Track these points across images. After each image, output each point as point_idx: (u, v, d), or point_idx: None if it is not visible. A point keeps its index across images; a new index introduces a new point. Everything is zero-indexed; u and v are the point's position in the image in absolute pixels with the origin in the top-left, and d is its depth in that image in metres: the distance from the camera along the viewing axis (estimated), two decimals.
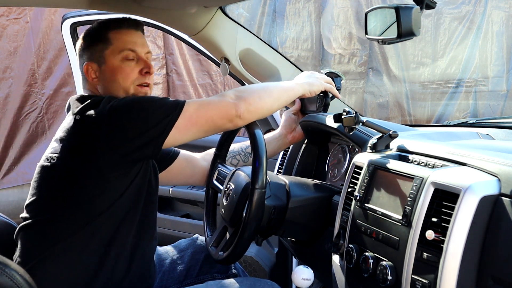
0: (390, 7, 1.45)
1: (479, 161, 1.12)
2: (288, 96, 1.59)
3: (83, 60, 1.51)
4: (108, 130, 1.31)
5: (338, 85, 1.87)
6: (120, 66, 1.47)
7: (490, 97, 5.29)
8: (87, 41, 1.50)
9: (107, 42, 1.47)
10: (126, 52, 1.48)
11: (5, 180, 4.13)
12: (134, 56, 1.48)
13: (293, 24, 5.16)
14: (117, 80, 1.47)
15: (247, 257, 2.36)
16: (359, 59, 5.23)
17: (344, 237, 1.36)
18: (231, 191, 1.57)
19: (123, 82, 1.47)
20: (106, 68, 1.47)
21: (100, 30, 1.49)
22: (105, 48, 1.47)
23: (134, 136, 1.32)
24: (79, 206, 1.35)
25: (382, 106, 5.25)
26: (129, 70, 1.47)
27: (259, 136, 1.47)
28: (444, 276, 1.02)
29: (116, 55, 1.47)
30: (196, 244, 1.76)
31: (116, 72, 1.47)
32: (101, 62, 1.47)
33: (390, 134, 1.39)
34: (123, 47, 1.47)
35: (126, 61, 1.47)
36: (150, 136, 1.33)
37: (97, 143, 1.31)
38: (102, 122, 1.32)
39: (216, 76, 4.50)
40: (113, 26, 1.49)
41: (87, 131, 1.34)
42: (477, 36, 5.18)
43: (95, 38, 1.49)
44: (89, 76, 1.49)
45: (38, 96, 4.15)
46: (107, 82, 1.48)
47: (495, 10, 5.16)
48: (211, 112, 1.41)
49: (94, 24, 1.52)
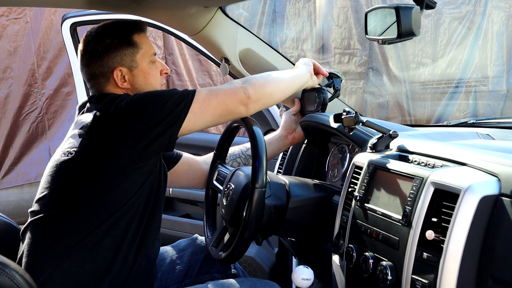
0: (390, 7, 1.45)
1: (479, 161, 1.12)
2: (293, 80, 1.64)
3: (111, 64, 1.48)
4: (126, 123, 1.34)
5: (338, 86, 1.87)
6: (150, 69, 1.52)
7: (490, 97, 5.29)
8: (113, 45, 1.48)
9: (136, 46, 1.49)
10: (152, 56, 1.53)
11: (5, 180, 4.14)
12: (155, 59, 1.55)
13: (293, 24, 5.16)
14: (150, 83, 1.52)
15: (247, 257, 2.36)
16: (359, 59, 5.23)
17: (344, 237, 1.36)
18: (231, 191, 1.57)
19: (154, 84, 1.53)
20: (138, 72, 1.50)
21: (124, 33, 1.50)
22: (136, 52, 1.49)
23: (151, 127, 1.35)
24: (96, 201, 1.36)
25: (382, 106, 5.25)
26: (156, 73, 1.54)
27: (259, 136, 1.47)
28: (444, 276, 1.02)
29: (146, 59, 1.51)
30: (195, 244, 1.76)
31: (148, 75, 1.52)
32: (132, 67, 1.49)
33: (390, 134, 1.39)
34: (150, 51, 1.52)
35: (152, 64, 1.53)
36: (167, 124, 1.36)
37: (116, 137, 1.34)
38: (120, 116, 1.35)
39: (216, 76, 4.50)
40: (136, 29, 1.51)
41: (107, 126, 1.36)
42: (477, 36, 5.18)
43: (122, 42, 1.49)
44: (118, 80, 1.49)
45: (38, 96, 4.15)
46: (140, 86, 1.51)
47: (495, 10, 5.16)
48: (222, 95, 1.45)
49: (111, 26, 1.51)
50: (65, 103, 4.26)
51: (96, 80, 1.50)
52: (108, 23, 1.53)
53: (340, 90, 1.89)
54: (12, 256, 1.42)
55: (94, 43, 1.49)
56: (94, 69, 1.49)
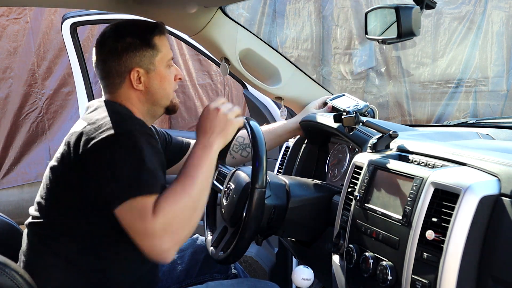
0: (390, 7, 1.45)
1: (479, 161, 1.12)
2: (209, 180, 1.37)
3: (129, 63, 1.43)
4: (91, 162, 1.29)
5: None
6: (166, 73, 1.48)
7: (490, 97, 5.29)
8: (133, 45, 1.43)
9: (155, 49, 1.45)
10: (170, 60, 1.49)
11: (5, 180, 4.14)
12: (172, 63, 1.51)
13: (293, 24, 5.16)
14: (165, 87, 1.48)
15: (247, 257, 2.36)
16: (359, 59, 5.23)
17: (344, 237, 1.36)
18: (231, 191, 1.57)
19: (168, 89, 1.49)
20: (155, 76, 1.46)
21: (146, 34, 1.45)
22: (155, 55, 1.45)
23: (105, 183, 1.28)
24: (89, 206, 1.34)
25: (382, 106, 5.24)
26: (171, 78, 1.50)
27: (259, 136, 1.47)
28: (444, 276, 1.02)
29: (164, 62, 1.47)
30: (196, 244, 1.76)
31: (164, 80, 1.47)
32: (150, 70, 1.45)
33: (390, 134, 1.39)
34: (169, 55, 1.48)
35: (169, 69, 1.49)
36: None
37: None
38: (90, 151, 1.29)
39: (216, 76, 4.50)
40: (157, 31, 1.47)
41: (80, 149, 1.31)
42: (477, 36, 5.18)
43: (143, 43, 1.44)
44: (134, 81, 1.44)
45: (38, 96, 4.15)
46: (155, 89, 1.46)
47: (495, 10, 5.16)
48: (135, 222, 1.24)
49: (133, 25, 1.48)
50: (65, 103, 4.26)
51: (111, 79, 1.45)
52: (130, 21, 1.50)
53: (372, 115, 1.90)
54: (12, 256, 1.42)
55: (113, 40, 1.44)
56: (111, 67, 1.44)
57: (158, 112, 1.51)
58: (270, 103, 2.43)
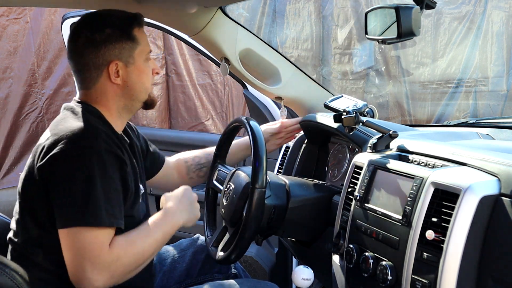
0: (390, 7, 1.45)
1: (479, 161, 1.12)
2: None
3: (107, 56, 1.37)
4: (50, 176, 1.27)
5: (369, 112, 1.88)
6: (145, 67, 1.43)
7: (490, 97, 5.29)
8: (113, 36, 1.37)
9: (135, 41, 1.40)
10: (148, 53, 1.44)
11: (5, 180, 4.13)
12: (149, 57, 1.46)
13: (293, 24, 5.16)
14: (143, 81, 1.43)
15: (247, 257, 2.36)
16: (359, 59, 5.23)
17: (344, 237, 1.36)
18: (231, 191, 1.57)
19: (146, 83, 1.44)
20: (133, 69, 1.40)
21: (125, 26, 1.39)
22: (134, 48, 1.40)
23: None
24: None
25: (382, 106, 5.24)
26: (149, 71, 1.45)
27: (259, 136, 1.47)
28: (444, 276, 1.02)
29: (143, 55, 1.42)
30: (197, 244, 1.76)
31: (142, 73, 1.42)
32: (129, 63, 1.39)
33: (390, 134, 1.39)
34: (147, 48, 1.44)
35: (147, 62, 1.44)
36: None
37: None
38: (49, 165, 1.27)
39: (216, 76, 4.49)
40: (136, 23, 1.41)
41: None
42: (477, 36, 5.18)
43: (123, 34, 1.38)
44: (112, 75, 1.38)
45: (38, 96, 4.15)
46: (133, 83, 1.41)
47: (495, 10, 5.16)
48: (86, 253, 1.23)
49: (112, 15, 1.41)
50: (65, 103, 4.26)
51: (87, 72, 1.38)
52: (107, 12, 1.42)
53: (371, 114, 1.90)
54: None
55: (91, 31, 1.37)
56: (88, 59, 1.37)
57: (135, 107, 1.47)
58: (270, 103, 2.43)
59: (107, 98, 1.41)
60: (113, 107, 1.42)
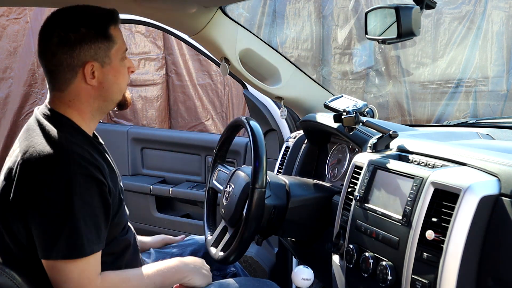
0: (390, 7, 1.45)
1: (479, 161, 1.12)
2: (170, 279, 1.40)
3: (83, 57, 1.29)
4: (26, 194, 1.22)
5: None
6: (121, 66, 1.36)
7: (490, 97, 5.29)
8: (88, 36, 1.29)
9: (111, 40, 1.32)
10: (124, 52, 1.37)
11: None
12: (125, 55, 1.39)
13: (293, 24, 5.16)
14: (119, 82, 1.36)
15: (247, 257, 2.36)
16: (359, 59, 5.23)
17: (344, 237, 1.36)
18: (231, 191, 1.57)
19: (122, 83, 1.38)
20: (109, 70, 1.33)
21: (101, 24, 1.31)
22: (110, 47, 1.32)
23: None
24: None
25: (382, 106, 5.24)
26: (125, 71, 1.38)
27: (259, 136, 1.47)
28: (444, 276, 1.02)
29: (119, 55, 1.35)
30: (195, 243, 1.76)
31: (118, 73, 1.35)
32: (105, 63, 1.32)
33: (390, 134, 1.40)
34: (124, 46, 1.37)
35: (123, 61, 1.37)
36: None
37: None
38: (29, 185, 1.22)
39: (216, 76, 4.49)
40: (112, 21, 1.33)
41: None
42: (477, 36, 5.17)
43: (98, 34, 1.30)
44: (88, 76, 1.30)
45: (38, 96, 4.14)
46: (109, 84, 1.34)
47: (495, 10, 5.16)
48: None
49: (86, 13, 1.32)
50: None
51: (61, 73, 1.30)
52: (80, 8, 1.33)
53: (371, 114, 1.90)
54: None
55: (65, 30, 1.28)
56: (61, 59, 1.29)
57: (108, 108, 1.40)
58: (270, 103, 2.43)
59: (80, 101, 1.33)
60: (87, 110, 1.35)
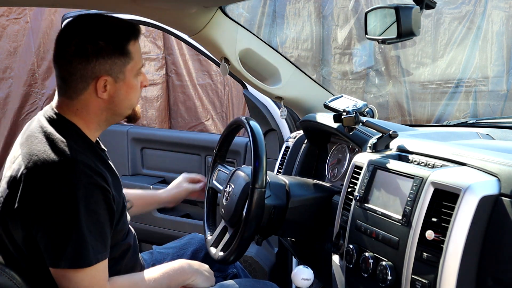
0: (390, 7, 1.45)
1: (479, 161, 1.12)
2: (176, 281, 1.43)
3: (97, 70, 1.27)
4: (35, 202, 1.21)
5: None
6: (134, 82, 1.34)
7: (490, 97, 5.29)
8: (105, 50, 1.27)
9: (128, 56, 1.30)
10: (140, 68, 1.35)
11: None
12: (141, 71, 1.38)
13: (293, 24, 5.16)
14: (131, 98, 1.35)
15: (247, 257, 2.36)
16: (359, 59, 5.23)
17: (344, 237, 1.36)
18: (231, 191, 1.57)
19: (133, 99, 1.36)
20: (122, 85, 1.31)
21: (120, 40, 1.30)
22: (126, 63, 1.30)
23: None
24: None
25: (382, 106, 5.24)
26: (138, 86, 1.36)
27: (259, 136, 1.47)
28: (444, 276, 1.02)
29: (134, 71, 1.33)
30: (195, 242, 1.76)
31: (131, 89, 1.34)
32: (119, 78, 1.30)
33: (390, 134, 1.39)
34: (140, 63, 1.35)
35: (137, 77, 1.35)
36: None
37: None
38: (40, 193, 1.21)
39: (216, 76, 4.49)
40: (132, 37, 1.32)
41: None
42: (477, 36, 5.17)
43: (116, 49, 1.29)
44: (99, 90, 1.29)
45: (38, 96, 4.15)
46: (120, 100, 1.32)
47: (495, 10, 5.16)
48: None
49: (107, 27, 1.31)
50: None
51: (74, 83, 1.29)
52: (103, 20, 1.32)
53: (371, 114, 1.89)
54: None
55: (84, 40, 1.27)
56: (76, 69, 1.27)
57: (116, 121, 1.39)
58: (270, 103, 2.43)
59: (88, 112, 1.32)
60: (93, 120, 1.33)
